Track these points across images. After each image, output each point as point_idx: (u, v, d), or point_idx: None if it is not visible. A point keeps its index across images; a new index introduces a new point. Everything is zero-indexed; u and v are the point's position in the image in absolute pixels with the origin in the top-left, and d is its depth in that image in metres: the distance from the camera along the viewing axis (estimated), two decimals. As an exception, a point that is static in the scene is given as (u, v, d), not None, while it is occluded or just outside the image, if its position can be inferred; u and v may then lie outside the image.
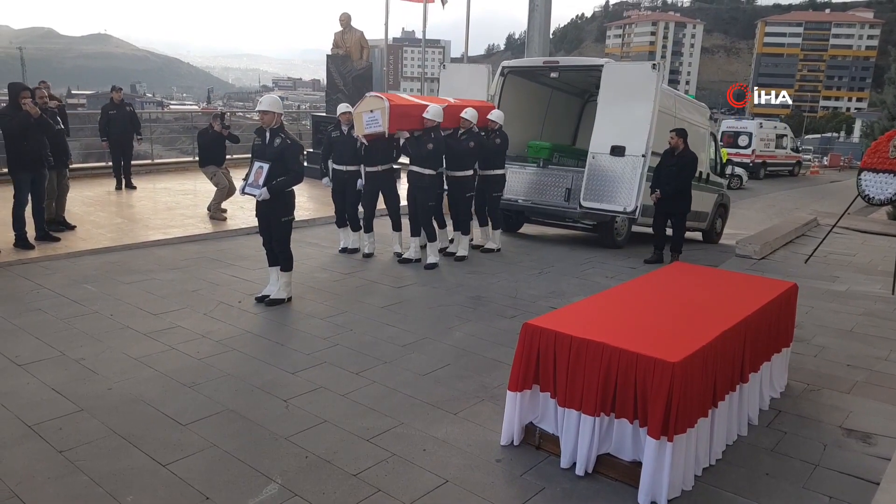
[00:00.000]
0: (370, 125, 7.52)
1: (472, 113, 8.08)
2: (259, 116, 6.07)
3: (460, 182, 8.18)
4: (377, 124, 7.47)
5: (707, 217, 11.47)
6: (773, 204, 20.06)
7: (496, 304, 6.57)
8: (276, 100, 6.35)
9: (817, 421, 4.26)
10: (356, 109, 7.77)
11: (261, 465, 3.48)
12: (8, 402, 4.07)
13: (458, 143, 8.03)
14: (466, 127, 8.05)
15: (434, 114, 7.62)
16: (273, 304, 6.15)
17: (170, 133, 28.61)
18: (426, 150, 7.62)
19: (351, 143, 7.95)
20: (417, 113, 7.69)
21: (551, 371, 3.50)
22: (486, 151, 8.31)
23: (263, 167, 5.89)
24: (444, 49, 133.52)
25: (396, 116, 7.51)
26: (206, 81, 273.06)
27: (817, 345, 5.68)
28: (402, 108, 7.67)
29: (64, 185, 8.84)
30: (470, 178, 8.26)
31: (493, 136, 8.41)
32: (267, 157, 5.94)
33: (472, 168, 8.23)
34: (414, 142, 7.66)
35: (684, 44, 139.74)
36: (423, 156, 7.64)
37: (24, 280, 6.69)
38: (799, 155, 32.71)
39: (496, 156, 8.46)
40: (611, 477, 3.42)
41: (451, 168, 8.11)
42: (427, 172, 7.70)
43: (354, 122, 7.76)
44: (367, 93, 8.33)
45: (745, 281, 4.92)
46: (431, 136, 7.61)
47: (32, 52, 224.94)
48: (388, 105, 7.42)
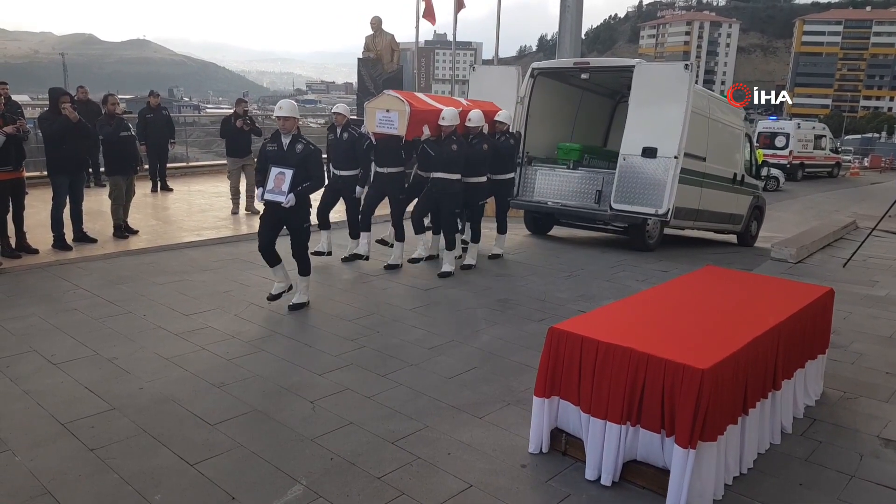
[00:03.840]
0: (383, 125, 7.21)
1: (478, 115, 7.70)
2: (280, 123, 5.92)
3: (475, 189, 7.84)
4: (391, 125, 7.15)
5: (742, 219, 11.27)
6: (811, 206, 19.62)
7: (524, 307, 6.52)
8: (295, 105, 6.23)
9: (854, 430, 4.14)
10: (370, 104, 7.48)
11: (286, 465, 3.50)
12: (43, 401, 4.17)
13: (472, 148, 7.64)
14: (475, 131, 7.69)
15: (451, 118, 7.33)
16: (296, 308, 6.10)
17: (205, 136, 29.04)
18: (451, 153, 7.30)
19: (345, 146, 7.69)
20: (434, 118, 7.38)
21: (577, 377, 3.45)
22: (499, 154, 8.02)
23: (285, 173, 5.77)
24: (475, 51, 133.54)
25: (415, 122, 7.17)
26: (241, 85, 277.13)
27: (855, 351, 5.52)
28: (422, 114, 7.31)
29: (131, 191, 8.91)
30: (484, 184, 7.94)
31: (503, 138, 8.15)
32: (289, 163, 5.82)
33: (486, 174, 7.90)
34: (435, 146, 7.36)
35: (720, 43, 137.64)
36: (449, 159, 7.32)
37: (62, 280, 6.85)
38: (838, 156, 31.97)
39: (509, 159, 8.25)
40: (638, 484, 3.36)
41: (465, 174, 7.67)
42: (455, 178, 7.42)
43: (366, 117, 7.47)
44: (385, 90, 8.04)
45: (779, 285, 4.81)
46: (454, 138, 7.35)
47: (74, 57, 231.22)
48: (410, 110, 7.06)
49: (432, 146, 7.40)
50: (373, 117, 7.30)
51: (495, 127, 8.12)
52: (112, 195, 8.59)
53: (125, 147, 8.53)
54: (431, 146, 7.40)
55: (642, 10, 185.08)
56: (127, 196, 8.79)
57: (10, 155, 7.16)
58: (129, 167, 8.69)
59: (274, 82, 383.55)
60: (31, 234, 7.78)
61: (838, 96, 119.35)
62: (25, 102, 27.20)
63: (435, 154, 7.40)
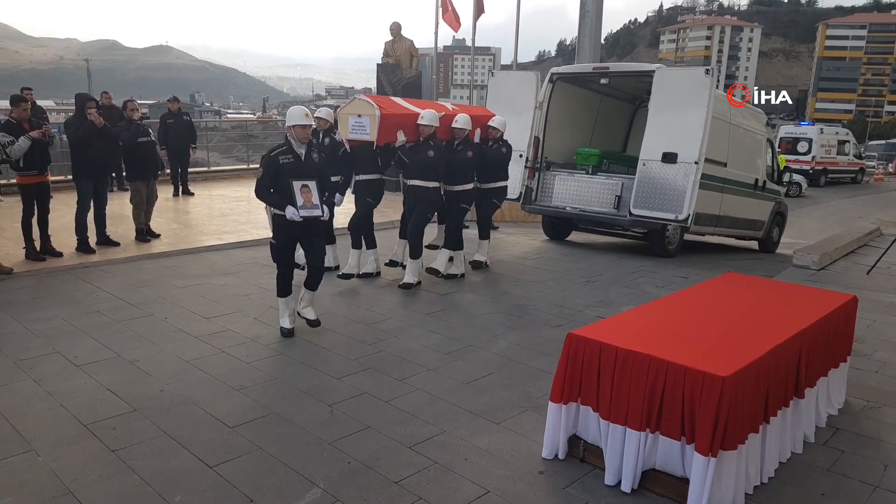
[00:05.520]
0: (355, 131, 6.85)
1: (464, 119, 7.27)
2: (301, 131, 5.36)
3: (459, 197, 7.44)
4: (364, 131, 6.78)
5: (763, 226, 11.16)
6: (835, 212, 19.37)
7: (542, 312, 6.50)
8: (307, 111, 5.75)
9: (878, 440, 4.07)
10: (342, 110, 7.08)
11: (304, 469, 3.52)
12: (66, 402, 4.23)
13: (455, 155, 7.21)
14: (460, 136, 7.27)
15: (430, 119, 6.87)
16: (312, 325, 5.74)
17: (226, 141, 29.39)
18: (427, 159, 6.84)
19: (328, 151, 7.03)
20: (411, 123, 6.96)
21: (595, 383, 3.44)
22: (488, 162, 7.60)
23: (310, 185, 5.36)
24: (494, 56, 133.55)
25: (387, 127, 6.79)
26: (261, 91, 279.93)
27: (879, 360, 5.44)
28: (395, 119, 6.89)
29: (153, 195, 9.01)
30: (469, 192, 7.53)
31: (495, 145, 7.70)
32: (311, 174, 5.40)
33: (472, 181, 7.49)
34: (410, 152, 6.86)
35: (741, 48, 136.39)
36: (425, 165, 6.86)
37: (85, 283, 6.95)
38: (862, 161, 31.47)
39: (500, 167, 7.77)
40: (657, 493, 3.33)
41: (449, 182, 7.32)
42: (432, 185, 6.99)
43: (339, 123, 7.09)
44: (357, 95, 7.47)
45: (801, 293, 4.76)
46: (431, 144, 6.89)
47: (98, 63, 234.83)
48: (380, 114, 6.65)
49: (407, 153, 6.91)
50: (346, 123, 6.95)
51: (488, 133, 7.73)
52: (133, 200, 8.71)
53: (144, 153, 8.63)
54: (406, 152, 6.92)
55: (662, 14, 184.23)
56: (149, 201, 8.88)
57: (35, 159, 7.29)
58: (149, 173, 8.79)
59: (294, 88, 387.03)
60: (56, 237, 7.90)
61: (862, 101, 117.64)
62: (51, 108, 27.72)
63: (410, 161, 6.93)
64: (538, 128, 9.95)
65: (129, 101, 9.03)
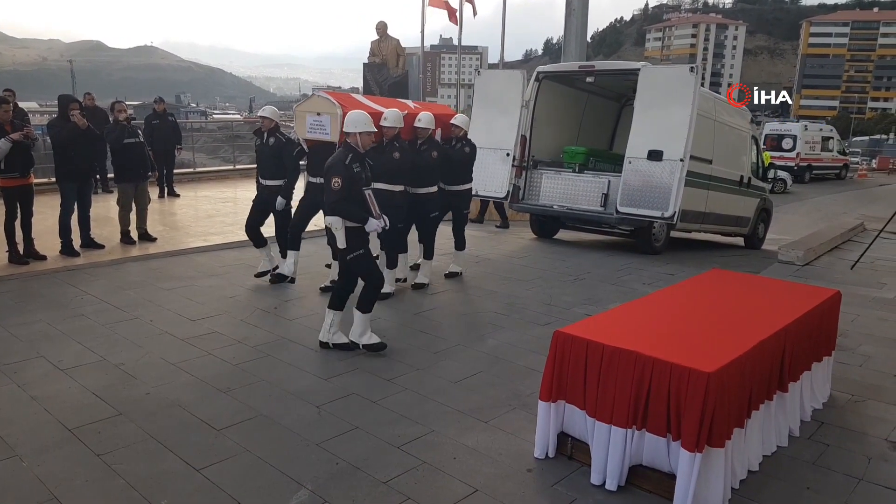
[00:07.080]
0: (314, 130, 6.49)
1: (428, 118, 6.85)
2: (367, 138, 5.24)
3: (424, 200, 7.00)
4: (323, 131, 6.41)
5: (749, 222, 11.24)
6: (819, 208, 19.55)
7: (530, 310, 6.52)
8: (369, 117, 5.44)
9: (862, 433, 4.11)
10: (300, 107, 6.72)
11: (292, 470, 3.51)
12: (50, 407, 4.18)
13: (420, 156, 6.78)
14: (423, 136, 6.86)
15: (394, 119, 6.34)
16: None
17: (212, 142, 29.25)
18: (393, 161, 6.37)
19: (271, 152, 6.99)
20: (375, 122, 6.42)
21: (582, 381, 3.45)
22: (452, 163, 7.18)
23: (372, 194, 5.21)
24: (481, 55, 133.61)
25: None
26: (248, 91, 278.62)
27: (863, 354, 5.49)
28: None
29: (146, 198, 8.92)
30: (435, 195, 7.10)
31: (459, 144, 7.27)
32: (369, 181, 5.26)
33: (436, 184, 7.09)
34: (373, 154, 5.99)
35: (726, 46, 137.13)
36: (392, 168, 6.38)
37: (70, 286, 6.88)
38: (846, 158, 31.84)
39: (463, 168, 7.34)
40: (644, 489, 3.35)
41: (412, 185, 6.83)
42: (397, 189, 6.55)
43: (296, 121, 6.72)
44: (317, 92, 7.12)
45: (785, 288, 4.79)
46: (396, 145, 6.43)
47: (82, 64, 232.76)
48: (341, 112, 6.07)
49: (371, 154, 5.99)
50: (303, 122, 6.57)
51: (451, 132, 7.30)
52: (120, 202, 8.64)
53: (132, 154, 8.56)
54: (370, 154, 6.01)
55: (648, 12, 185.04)
56: (141, 204, 8.83)
57: (17, 162, 7.21)
58: (137, 174, 8.72)
59: (281, 88, 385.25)
60: (39, 240, 7.82)
61: (846, 98, 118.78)
62: (34, 109, 27.46)
63: (374, 163, 6.12)
64: (525, 126, 9.96)
65: (117, 102, 8.96)
